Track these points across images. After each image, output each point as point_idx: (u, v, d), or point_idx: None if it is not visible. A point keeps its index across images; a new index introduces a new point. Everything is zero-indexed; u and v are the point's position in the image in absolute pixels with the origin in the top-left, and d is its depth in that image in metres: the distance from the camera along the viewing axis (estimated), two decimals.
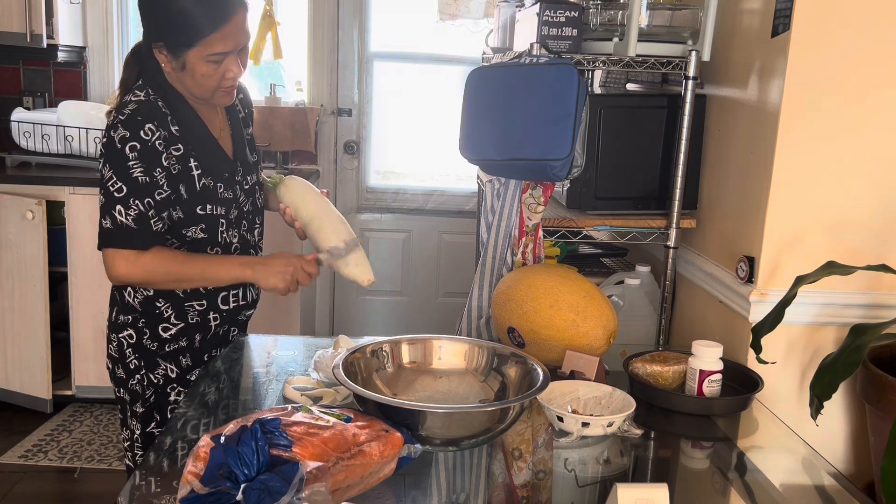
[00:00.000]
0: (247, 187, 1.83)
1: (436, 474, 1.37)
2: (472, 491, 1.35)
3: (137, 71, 1.73)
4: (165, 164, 1.64)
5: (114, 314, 1.82)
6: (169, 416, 1.79)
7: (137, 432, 1.81)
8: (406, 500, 1.28)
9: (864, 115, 1.79)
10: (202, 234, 1.73)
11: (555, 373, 1.67)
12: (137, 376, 1.78)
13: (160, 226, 1.65)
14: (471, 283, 2.10)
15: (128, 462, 1.87)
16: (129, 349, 1.78)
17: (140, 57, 1.73)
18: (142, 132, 1.61)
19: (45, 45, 3.48)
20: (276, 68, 4.16)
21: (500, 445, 1.48)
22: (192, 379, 1.80)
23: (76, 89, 3.93)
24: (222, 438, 1.16)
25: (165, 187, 1.65)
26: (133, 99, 1.66)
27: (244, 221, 1.83)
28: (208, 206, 1.72)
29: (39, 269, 3.29)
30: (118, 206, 1.60)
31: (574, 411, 1.52)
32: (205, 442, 1.16)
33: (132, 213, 1.61)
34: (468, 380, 1.59)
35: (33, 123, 3.55)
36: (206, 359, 1.83)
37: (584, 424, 1.45)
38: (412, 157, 4.27)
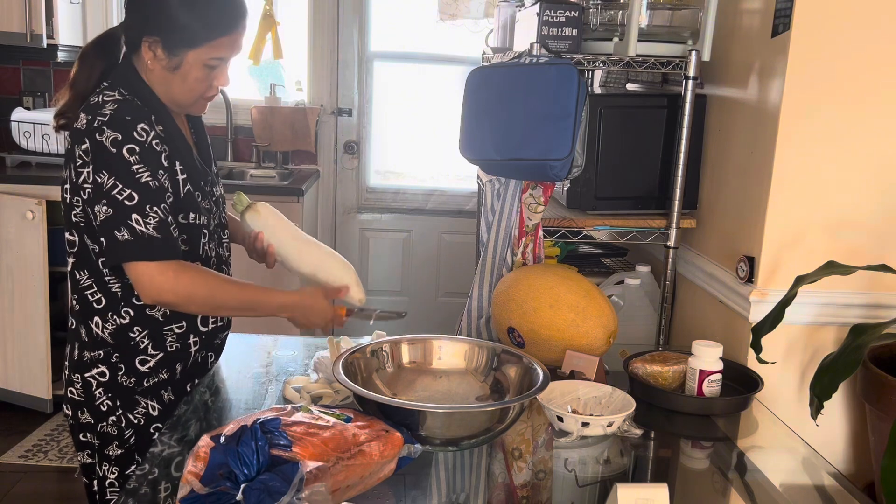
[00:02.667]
0: (213, 199, 1.70)
1: (436, 474, 1.37)
2: (472, 491, 1.35)
3: (101, 68, 1.58)
4: (166, 164, 1.51)
5: (76, 352, 1.62)
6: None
7: (112, 477, 1.62)
8: (406, 500, 1.28)
9: (864, 115, 1.79)
10: (185, 247, 1.57)
11: (555, 373, 1.67)
12: (112, 418, 1.60)
13: (177, 233, 1.51)
14: (471, 283, 2.10)
15: (94, 489, 1.67)
16: (100, 389, 1.59)
17: (106, 51, 1.59)
18: (135, 133, 1.47)
19: (45, 45, 3.47)
20: (276, 68, 4.16)
21: (500, 445, 1.48)
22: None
23: None
24: (222, 438, 1.16)
25: (171, 190, 1.52)
26: (108, 99, 1.50)
27: (216, 235, 1.70)
28: (191, 215, 1.58)
29: (39, 269, 3.28)
30: (133, 216, 1.44)
31: (574, 411, 1.52)
32: (205, 442, 1.16)
33: (152, 222, 1.45)
34: (468, 380, 1.59)
35: (33, 123, 3.55)
36: (188, 389, 1.67)
37: (584, 424, 1.45)
38: (412, 157, 4.27)
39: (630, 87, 2.64)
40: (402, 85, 4.18)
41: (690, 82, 1.99)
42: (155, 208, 1.46)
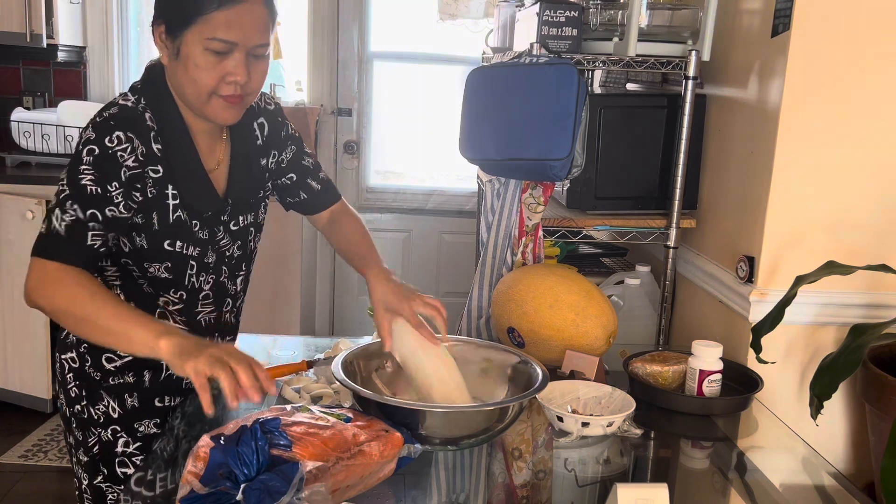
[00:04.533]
0: (235, 228, 1.57)
1: (436, 474, 1.37)
2: (472, 491, 1.35)
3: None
4: (125, 178, 1.39)
5: (63, 331, 1.57)
6: (117, 470, 1.55)
7: (85, 483, 1.59)
8: (406, 500, 1.28)
9: (864, 115, 1.79)
10: (166, 274, 1.49)
11: (555, 373, 1.67)
12: (78, 407, 1.55)
13: (98, 242, 1.38)
14: (471, 283, 2.10)
15: None
16: (71, 374, 1.56)
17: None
18: (107, 139, 1.39)
19: (45, 45, 3.47)
20: (276, 68, 4.15)
21: (500, 445, 1.48)
22: (138, 427, 1.56)
23: (76, 89, 3.93)
24: (222, 438, 1.16)
25: (122, 208, 1.40)
26: (119, 102, 1.45)
27: (224, 267, 1.57)
28: (178, 244, 1.48)
29: None
30: (57, 210, 1.38)
31: (574, 411, 1.52)
32: (204, 442, 1.16)
33: (66, 220, 1.36)
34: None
35: (33, 123, 3.55)
36: (156, 404, 1.58)
37: (584, 424, 1.45)
38: (412, 157, 4.27)
39: (630, 87, 2.64)
40: (402, 85, 4.18)
41: (690, 82, 1.99)
42: (76, 206, 1.36)
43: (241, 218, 1.58)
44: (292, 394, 1.60)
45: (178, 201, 1.46)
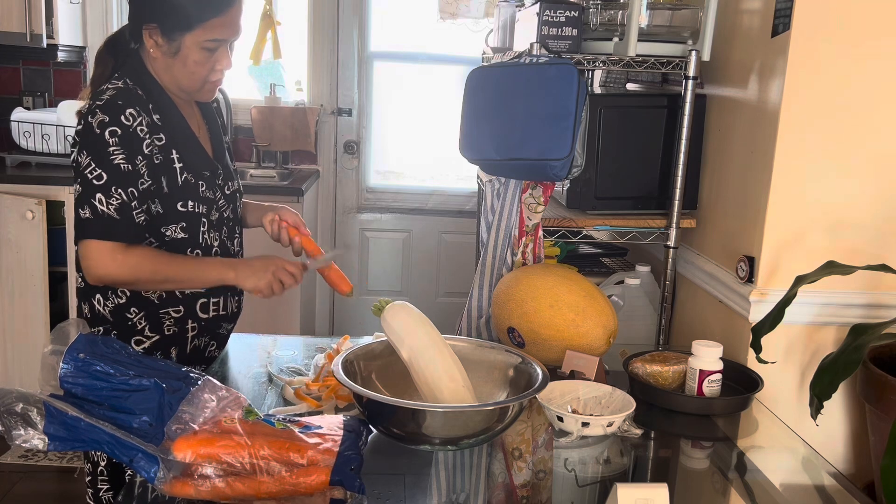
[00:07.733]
0: (227, 192, 1.75)
1: (436, 474, 1.37)
2: (472, 491, 1.35)
3: (112, 64, 1.65)
4: (147, 151, 1.56)
5: (90, 317, 1.67)
6: None
7: (102, 464, 1.68)
8: (406, 500, 1.28)
9: (863, 115, 1.79)
10: (182, 234, 1.64)
11: (555, 373, 1.67)
12: None
13: (143, 218, 1.56)
14: (471, 283, 2.10)
15: (89, 500, 1.72)
16: None
17: (116, 49, 1.66)
18: (122, 117, 1.53)
19: (45, 45, 3.47)
20: (276, 68, 4.16)
21: (500, 445, 1.48)
22: None
23: (76, 89, 3.93)
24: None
25: (147, 177, 1.56)
26: (110, 87, 1.58)
27: (224, 227, 1.74)
28: (189, 203, 1.63)
29: (39, 269, 3.28)
30: (98, 195, 1.51)
31: (574, 411, 1.52)
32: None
33: (114, 203, 1.51)
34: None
35: (33, 123, 3.55)
36: None
37: (584, 424, 1.45)
38: (412, 157, 4.27)
39: (630, 87, 2.64)
40: (402, 85, 4.18)
41: (690, 82, 1.99)
42: (119, 190, 1.52)
43: (230, 183, 1.77)
44: (292, 394, 1.60)
45: (182, 164, 1.63)
